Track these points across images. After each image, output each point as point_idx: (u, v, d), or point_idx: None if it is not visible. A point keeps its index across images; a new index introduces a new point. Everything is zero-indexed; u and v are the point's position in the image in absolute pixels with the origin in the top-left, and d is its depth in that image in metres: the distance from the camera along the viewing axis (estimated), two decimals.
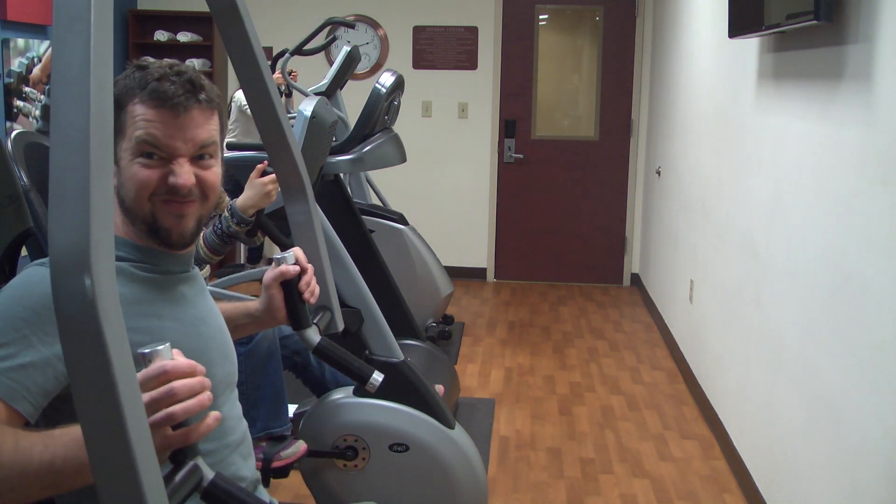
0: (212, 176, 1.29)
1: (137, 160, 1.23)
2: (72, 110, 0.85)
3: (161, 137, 1.23)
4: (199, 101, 1.25)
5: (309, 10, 6.04)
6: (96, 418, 0.85)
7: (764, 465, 2.90)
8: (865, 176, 2.14)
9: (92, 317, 0.83)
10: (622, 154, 6.22)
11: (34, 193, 1.91)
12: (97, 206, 0.84)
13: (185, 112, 1.24)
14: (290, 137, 1.49)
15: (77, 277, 0.83)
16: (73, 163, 0.84)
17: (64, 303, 0.84)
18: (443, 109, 6.27)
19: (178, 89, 1.23)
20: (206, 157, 1.28)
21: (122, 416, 0.84)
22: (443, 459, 2.59)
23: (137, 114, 1.23)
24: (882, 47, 2.07)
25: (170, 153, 1.24)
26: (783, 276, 2.76)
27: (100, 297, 0.83)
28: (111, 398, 0.84)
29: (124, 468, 0.85)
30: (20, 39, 5.09)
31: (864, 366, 2.10)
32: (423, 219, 5.36)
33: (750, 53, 3.25)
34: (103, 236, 0.85)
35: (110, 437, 0.85)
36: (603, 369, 4.43)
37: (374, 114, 3.69)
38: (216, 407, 1.31)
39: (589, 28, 6.20)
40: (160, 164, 1.24)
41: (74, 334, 0.84)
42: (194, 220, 1.30)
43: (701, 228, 4.05)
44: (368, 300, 2.77)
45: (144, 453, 0.87)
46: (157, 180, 1.24)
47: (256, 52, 1.38)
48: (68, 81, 0.86)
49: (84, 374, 0.85)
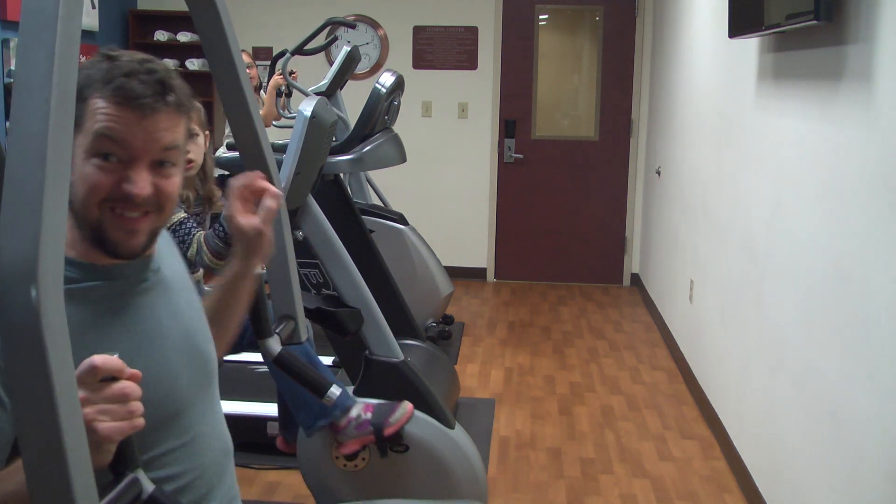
0: (170, 186, 1.17)
1: (92, 160, 1.11)
2: (31, 120, 0.84)
3: (122, 135, 1.10)
4: (167, 103, 1.14)
5: (309, 10, 6.04)
6: (34, 430, 0.85)
7: (764, 465, 2.90)
8: (865, 176, 2.14)
9: (35, 327, 0.82)
10: (622, 154, 6.21)
11: None
12: (49, 217, 0.83)
13: (151, 114, 1.12)
14: (263, 141, 1.45)
15: (23, 287, 0.82)
16: (29, 172, 0.83)
17: (8, 313, 0.83)
18: (443, 109, 6.27)
19: (147, 89, 1.12)
20: (167, 165, 1.16)
21: (61, 429, 0.84)
22: (443, 459, 2.59)
23: (98, 107, 1.10)
24: (882, 47, 2.07)
25: (129, 155, 1.12)
26: (783, 277, 2.75)
27: (44, 309, 0.83)
28: (50, 410, 0.83)
29: (60, 481, 0.85)
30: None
31: (864, 366, 2.10)
32: (423, 219, 5.35)
33: (750, 53, 3.25)
34: (53, 248, 0.84)
35: (46, 448, 0.85)
36: (603, 369, 4.43)
37: (374, 114, 3.69)
38: (183, 423, 1.25)
39: (589, 28, 6.20)
40: (116, 168, 1.12)
41: (17, 344, 0.83)
42: (146, 235, 1.18)
43: (701, 228, 4.05)
44: (368, 300, 2.77)
45: (80, 468, 0.86)
46: (110, 186, 1.11)
47: (233, 53, 1.32)
48: (29, 90, 0.85)
49: (25, 386, 0.84)
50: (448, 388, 3.35)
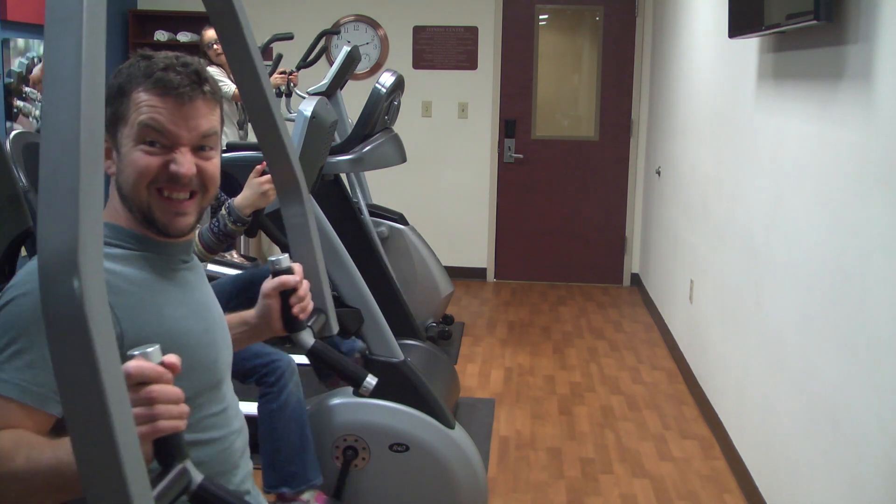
0: (212, 167, 1.29)
1: (139, 147, 1.23)
2: (63, 110, 0.84)
3: (165, 123, 1.22)
4: (203, 92, 1.25)
5: (309, 12, 6.04)
6: (84, 421, 0.85)
7: (764, 465, 2.90)
8: (865, 176, 2.14)
9: (80, 319, 0.82)
10: (622, 154, 6.21)
11: (33, 193, 1.91)
12: (87, 207, 0.83)
13: (189, 102, 1.23)
14: (286, 139, 1.48)
15: (65, 279, 0.82)
16: (64, 163, 0.84)
17: (52, 305, 0.83)
18: (443, 109, 6.27)
19: (184, 79, 1.23)
20: (207, 149, 1.28)
21: (110, 419, 0.84)
22: (443, 459, 2.59)
23: (142, 100, 1.22)
24: (882, 47, 2.07)
25: (172, 141, 1.23)
26: (783, 276, 2.75)
27: (88, 300, 0.82)
28: (99, 401, 0.83)
29: (112, 472, 0.85)
30: (20, 39, 5.09)
31: (864, 366, 2.10)
32: (423, 219, 5.35)
33: (750, 53, 3.25)
34: (92, 238, 0.84)
35: (97, 440, 0.84)
36: (603, 369, 4.43)
37: (374, 114, 3.69)
38: (222, 392, 1.38)
39: (589, 28, 6.20)
40: (162, 152, 1.23)
41: (62, 336, 0.83)
42: (194, 216, 1.30)
43: (701, 228, 4.05)
44: (368, 300, 2.76)
45: (132, 457, 0.86)
46: (157, 167, 1.23)
47: (252, 52, 1.37)
48: (60, 81, 0.85)
49: (72, 377, 0.84)
50: (448, 388, 3.35)
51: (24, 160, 1.94)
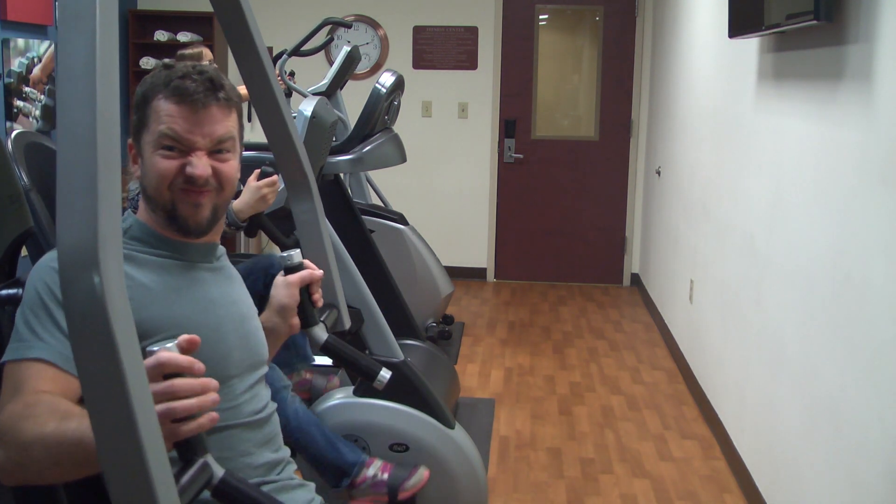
0: (228, 168, 1.37)
1: (159, 152, 1.32)
2: (78, 108, 0.85)
3: (180, 131, 1.31)
4: (217, 98, 1.33)
5: (309, 10, 6.04)
6: (106, 415, 0.85)
7: (764, 465, 2.90)
8: (865, 176, 2.14)
9: (101, 314, 0.83)
10: (622, 154, 6.21)
11: (34, 193, 1.91)
12: (105, 202, 0.84)
13: (203, 108, 1.31)
14: (294, 135, 1.50)
15: (86, 275, 0.82)
16: (81, 160, 0.84)
17: (73, 300, 0.83)
18: (443, 109, 6.27)
19: (199, 87, 1.31)
20: (223, 152, 1.36)
21: (133, 413, 0.84)
22: (443, 459, 2.59)
23: (160, 109, 1.31)
24: (882, 47, 2.07)
25: (188, 146, 1.32)
26: (783, 276, 2.76)
27: (109, 294, 0.83)
28: (121, 395, 0.84)
29: (135, 466, 0.85)
30: (20, 39, 5.09)
31: (864, 366, 2.10)
32: (423, 219, 5.36)
33: (750, 53, 3.25)
34: (111, 233, 0.84)
35: (120, 434, 0.85)
36: (603, 369, 4.43)
37: (374, 114, 3.69)
38: (232, 386, 1.41)
39: (589, 28, 6.20)
40: (179, 156, 1.32)
41: (84, 331, 0.84)
42: (210, 210, 1.37)
43: (701, 228, 4.05)
44: (368, 300, 2.77)
45: (155, 451, 0.86)
46: (175, 170, 1.32)
47: (260, 50, 1.39)
48: (74, 79, 0.85)
49: (94, 371, 0.84)
50: (448, 388, 3.35)
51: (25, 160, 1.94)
